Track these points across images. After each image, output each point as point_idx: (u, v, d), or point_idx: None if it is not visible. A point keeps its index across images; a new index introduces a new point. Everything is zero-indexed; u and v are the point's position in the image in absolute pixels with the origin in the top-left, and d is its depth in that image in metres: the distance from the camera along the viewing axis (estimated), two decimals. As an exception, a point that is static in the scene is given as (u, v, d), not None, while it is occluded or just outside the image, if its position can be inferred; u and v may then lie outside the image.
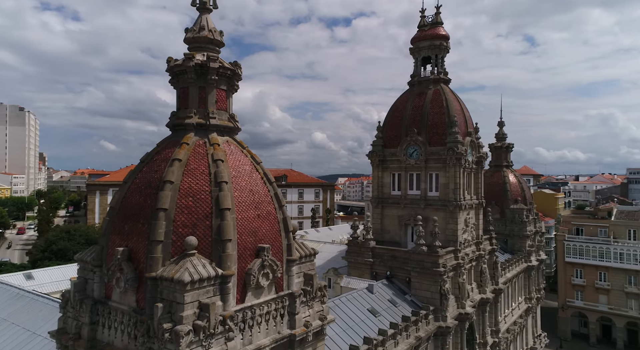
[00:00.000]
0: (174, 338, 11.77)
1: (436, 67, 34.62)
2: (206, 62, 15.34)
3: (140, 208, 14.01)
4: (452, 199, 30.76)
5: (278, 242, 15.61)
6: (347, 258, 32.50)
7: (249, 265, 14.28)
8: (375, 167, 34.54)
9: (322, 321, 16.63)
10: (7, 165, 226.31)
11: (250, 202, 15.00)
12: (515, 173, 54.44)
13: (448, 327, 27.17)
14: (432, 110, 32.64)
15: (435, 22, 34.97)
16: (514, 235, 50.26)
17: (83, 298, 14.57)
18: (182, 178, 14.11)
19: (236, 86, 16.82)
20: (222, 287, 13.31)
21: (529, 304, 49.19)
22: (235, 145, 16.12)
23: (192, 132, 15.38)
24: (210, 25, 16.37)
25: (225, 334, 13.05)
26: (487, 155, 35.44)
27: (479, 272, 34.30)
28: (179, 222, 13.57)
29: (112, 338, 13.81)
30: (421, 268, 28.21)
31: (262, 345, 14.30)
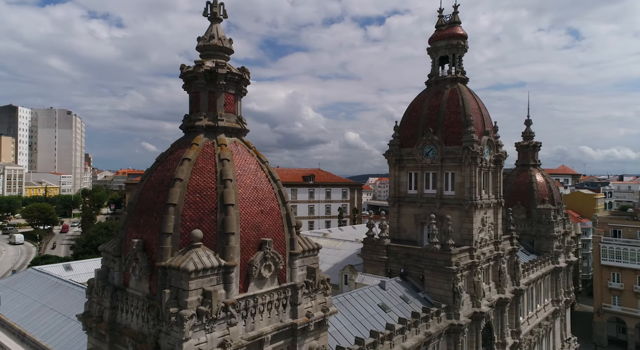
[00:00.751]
0: (179, 321, 12.91)
1: (454, 67, 34.58)
2: (215, 69, 16.49)
3: (154, 203, 15.31)
4: (468, 198, 30.73)
5: (281, 237, 16.54)
6: (363, 255, 33.08)
7: (251, 257, 15.29)
8: (392, 166, 34.91)
9: (325, 312, 17.41)
10: (56, 165, 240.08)
11: (254, 198, 16.00)
12: (543, 172, 53.06)
13: (460, 325, 27.26)
14: (449, 109, 32.68)
15: (453, 22, 34.93)
16: (541, 236, 49.05)
17: (105, 285, 16.05)
18: (190, 176, 15.30)
19: (244, 90, 17.89)
20: (225, 276, 14.37)
21: (556, 307, 47.88)
22: (242, 146, 17.19)
23: (202, 133, 16.58)
24: (219, 34, 17.51)
25: (228, 320, 14.10)
26: (506, 155, 35.00)
27: (498, 272, 33.98)
28: (187, 216, 14.76)
29: (129, 321, 15.16)
30: (434, 266, 28.42)
31: (264, 332, 15.26)
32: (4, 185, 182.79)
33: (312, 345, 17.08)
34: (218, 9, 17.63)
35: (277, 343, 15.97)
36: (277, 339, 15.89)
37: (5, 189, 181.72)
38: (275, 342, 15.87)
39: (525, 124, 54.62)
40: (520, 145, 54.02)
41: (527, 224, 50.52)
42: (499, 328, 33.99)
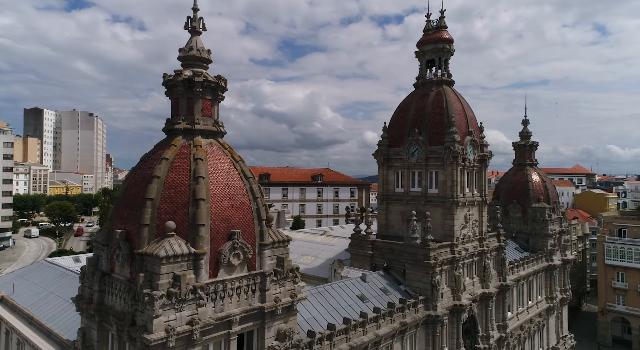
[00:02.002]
0: (150, 300, 14.62)
1: (439, 70, 35.62)
2: (192, 77, 18.19)
3: (135, 198, 17.08)
4: (450, 195, 31.79)
5: (251, 229, 18.13)
6: (350, 250, 34.45)
7: (221, 246, 16.91)
8: (381, 165, 36.14)
9: (293, 298, 18.93)
10: (78, 165, 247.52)
11: (225, 194, 17.63)
12: (539, 172, 53.37)
13: (437, 316, 28.38)
14: (433, 111, 33.76)
15: (440, 26, 35.95)
16: (536, 234, 49.46)
17: (94, 271, 17.91)
18: (167, 174, 17.01)
19: (221, 96, 19.55)
20: (195, 263, 16.03)
21: (550, 304, 48.27)
22: (218, 146, 18.84)
23: (181, 135, 18.30)
24: (198, 45, 19.21)
25: (197, 301, 15.75)
26: (491, 154, 35.84)
27: (483, 267, 34.89)
28: (163, 209, 16.47)
29: (114, 303, 16.95)
30: (414, 260, 29.61)
31: (233, 314, 16.87)
32: (30, 185, 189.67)
33: (281, 328, 18.61)
34: (197, 23, 19.33)
35: (246, 324, 17.57)
36: (246, 321, 17.48)
37: (31, 188, 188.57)
38: (245, 323, 17.46)
39: (522, 124, 55.01)
40: (517, 145, 54.44)
41: (522, 222, 51.00)
42: (483, 321, 34.89)
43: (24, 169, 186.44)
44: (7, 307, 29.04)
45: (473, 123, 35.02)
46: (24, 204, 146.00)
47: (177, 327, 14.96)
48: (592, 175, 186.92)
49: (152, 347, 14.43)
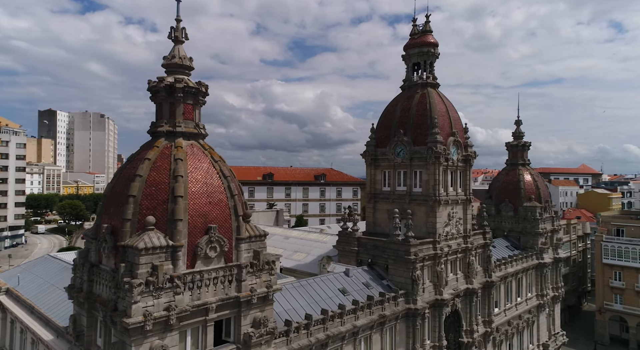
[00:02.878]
0: (130, 288, 15.94)
1: (424, 72, 36.57)
2: (174, 83, 19.51)
3: (120, 195, 18.44)
4: (432, 194, 32.75)
5: (228, 224, 19.38)
6: (337, 247, 35.58)
7: (198, 240, 18.19)
8: (369, 165, 37.20)
9: (268, 289, 20.14)
10: (90, 165, 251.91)
11: (204, 191, 18.91)
12: (531, 171, 53.92)
13: (417, 309, 29.38)
14: (417, 112, 34.74)
15: (425, 31, 36.90)
16: (527, 233, 50.04)
17: (84, 262, 19.31)
18: (149, 173, 18.35)
19: (202, 101, 20.84)
20: (173, 254, 17.32)
21: (540, 301, 48.83)
22: (198, 147, 20.14)
23: (163, 137, 19.63)
24: (181, 53, 20.53)
25: (174, 289, 17.03)
26: (476, 154, 36.67)
27: (467, 264, 35.76)
28: (144, 205, 17.80)
29: (101, 291, 18.32)
30: (396, 256, 30.64)
31: (209, 302, 18.12)
32: (44, 184, 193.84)
33: (257, 316, 19.83)
34: (180, 33, 20.66)
35: (223, 312, 18.83)
36: (222, 309, 18.73)
37: (45, 187, 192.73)
38: (221, 311, 18.72)
39: (515, 124, 55.55)
40: (510, 145, 55.04)
41: (514, 221, 51.61)
42: (467, 316, 35.76)
43: (38, 169, 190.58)
44: (12, 298, 30.73)
45: (457, 124, 35.89)
46: (38, 203, 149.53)
47: (155, 313, 16.27)
48: (599, 175, 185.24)
49: (131, 330, 15.75)
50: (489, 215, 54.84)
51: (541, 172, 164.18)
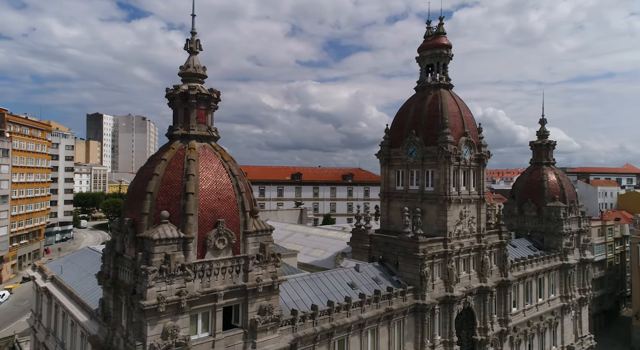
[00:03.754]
0: (145, 274, 17.88)
1: (438, 74, 36.98)
2: (187, 91, 21.40)
3: (140, 192, 20.49)
4: (442, 193, 33.20)
5: (235, 219, 21.04)
6: (351, 244, 36.65)
7: (208, 233, 19.94)
8: (383, 165, 38.04)
9: (273, 279, 21.65)
10: (133, 166, 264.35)
11: (213, 189, 20.66)
12: (556, 171, 52.67)
13: (425, 305, 30.02)
14: (429, 113, 35.24)
15: (439, 33, 37.30)
16: (550, 233, 49.02)
17: (110, 252, 21.54)
18: (164, 172, 20.29)
19: (214, 106, 22.64)
20: (185, 245, 19.15)
21: (564, 303, 47.74)
22: (210, 149, 21.93)
23: (178, 140, 21.57)
24: (195, 63, 22.41)
25: (185, 277, 18.85)
26: (490, 154, 36.67)
27: (481, 262, 35.88)
28: (159, 201, 19.75)
29: (124, 277, 20.43)
30: (405, 253, 31.38)
31: (218, 290, 19.85)
32: (91, 183, 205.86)
33: (263, 304, 21.38)
34: (194, 45, 22.56)
35: (231, 299, 20.51)
36: (230, 296, 20.42)
37: (92, 186, 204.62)
38: (229, 298, 20.41)
39: (539, 123, 54.52)
40: (534, 144, 54.02)
41: (537, 221, 50.68)
42: (481, 314, 35.87)
43: (86, 169, 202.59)
44: (56, 285, 33.96)
45: (470, 124, 36.08)
46: (85, 201, 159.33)
47: (167, 297, 18.14)
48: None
49: (146, 311, 17.69)
50: (511, 215, 54.24)
51: (580, 171, 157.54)
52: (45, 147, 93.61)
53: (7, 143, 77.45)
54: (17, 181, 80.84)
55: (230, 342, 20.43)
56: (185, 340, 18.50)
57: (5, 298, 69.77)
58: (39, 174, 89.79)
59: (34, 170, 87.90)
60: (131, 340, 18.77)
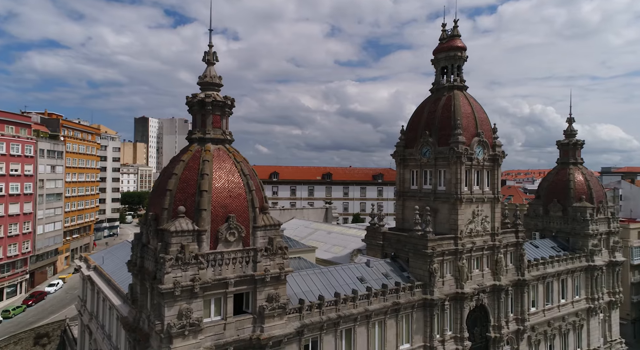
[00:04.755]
0: (163, 262, 20.13)
1: (452, 75, 37.43)
2: (204, 98, 23.58)
3: (161, 189, 22.86)
4: (454, 192, 33.73)
5: (245, 214, 22.97)
6: (365, 240, 37.81)
7: (219, 226, 21.98)
8: (398, 164, 38.92)
9: (281, 270, 23.40)
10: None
11: (225, 187, 22.69)
12: (583, 171, 51.18)
13: (433, 300, 30.75)
14: (442, 114, 35.81)
15: (453, 35, 37.71)
16: (575, 234, 47.82)
17: (138, 243, 24.09)
18: (182, 171, 22.54)
19: (228, 112, 24.71)
20: (199, 237, 21.27)
21: (590, 305, 46.45)
22: (224, 151, 24.00)
23: (196, 143, 23.79)
24: (212, 73, 24.58)
25: (198, 265, 20.96)
26: (504, 154, 36.68)
27: (495, 261, 36.02)
28: (177, 198, 22.00)
29: (148, 265, 22.86)
30: (415, 250, 32.22)
31: (228, 278, 21.84)
32: (138, 183, 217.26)
33: (270, 293, 23.18)
34: (211, 57, 24.73)
35: (241, 287, 22.46)
36: (240, 284, 22.37)
37: (139, 185, 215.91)
38: (239, 286, 22.36)
39: (567, 122, 53.15)
40: (560, 144, 52.77)
41: (562, 221, 49.55)
42: (495, 312, 36.01)
43: (133, 169, 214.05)
44: (97, 274, 37.48)
45: (484, 125, 36.28)
46: (132, 199, 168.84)
47: (182, 282, 20.30)
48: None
49: (164, 294, 19.92)
50: (536, 215, 53.20)
51: (627, 172, 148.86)
52: (94, 149, 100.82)
53: (62, 146, 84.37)
54: (69, 180, 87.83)
55: (240, 326, 22.36)
56: (198, 321, 20.61)
57: (59, 286, 76.16)
58: (89, 174, 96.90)
59: (85, 171, 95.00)
60: (152, 320, 21.10)
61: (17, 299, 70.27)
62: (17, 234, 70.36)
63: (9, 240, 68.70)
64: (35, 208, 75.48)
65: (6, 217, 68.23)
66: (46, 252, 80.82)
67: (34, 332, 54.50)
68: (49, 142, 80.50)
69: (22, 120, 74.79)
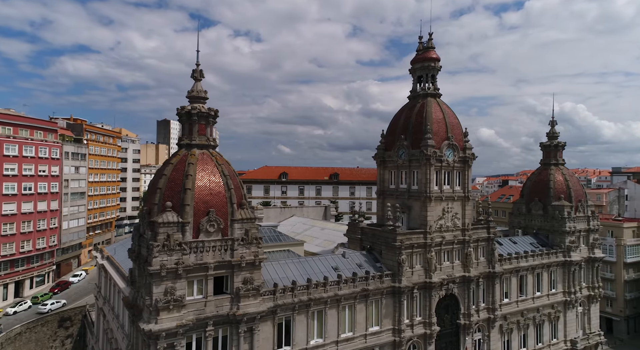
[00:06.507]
0: (151, 248, 23.74)
1: (427, 84, 40.10)
2: (190, 110, 27.15)
3: (154, 188, 26.51)
4: (424, 191, 36.45)
5: (224, 209, 26.40)
6: (347, 235, 40.82)
7: (201, 219, 25.47)
8: (379, 165, 41.78)
9: (255, 257, 26.73)
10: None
11: (206, 186, 26.17)
12: (564, 171, 52.83)
13: (401, 288, 33.56)
14: (416, 120, 38.53)
15: (428, 47, 40.37)
16: (554, 231, 49.67)
17: (136, 233, 27.83)
18: (171, 173, 26.13)
19: (212, 121, 28.21)
20: (182, 228, 24.81)
21: (567, 298, 48.20)
22: (208, 155, 27.50)
23: (184, 148, 27.37)
24: (198, 88, 28.14)
25: (182, 251, 24.49)
26: (474, 156, 39.12)
27: (465, 255, 38.52)
28: (166, 195, 25.59)
29: (143, 252, 26.53)
30: (386, 243, 35.09)
31: (208, 262, 25.30)
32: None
33: (246, 277, 26.55)
34: (198, 74, 28.31)
35: (220, 271, 25.89)
36: (219, 268, 25.81)
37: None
38: (218, 270, 25.81)
39: (549, 125, 54.85)
40: (543, 145, 54.54)
41: (543, 219, 51.42)
42: (465, 301, 38.51)
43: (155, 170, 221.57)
44: (109, 262, 41.66)
45: (455, 129, 38.82)
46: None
47: (168, 265, 23.86)
48: None
49: (152, 274, 23.51)
50: (520, 214, 55.08)
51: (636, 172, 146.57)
52: (115, 151, 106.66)
53: (85, 148, 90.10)
54: (92, 180, 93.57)
55: (220, 304, 25.81)
56: (181, 298, 24.15)
57: (82, 277, 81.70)
58: (110, 174, 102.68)
59: (106, 171, 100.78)
60: (143, 296, 24.76)
61: (45, 287, 75.96)
62: (45, 229, 75.99)
63: (38, 234, 74.37)
64: (61, 205, 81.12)
65: (35, 214, 73.88)
66: (71, 246, 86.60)
67: (59, 316, 59.59)
68: (73, 145, 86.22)
69: (49, 125, 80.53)
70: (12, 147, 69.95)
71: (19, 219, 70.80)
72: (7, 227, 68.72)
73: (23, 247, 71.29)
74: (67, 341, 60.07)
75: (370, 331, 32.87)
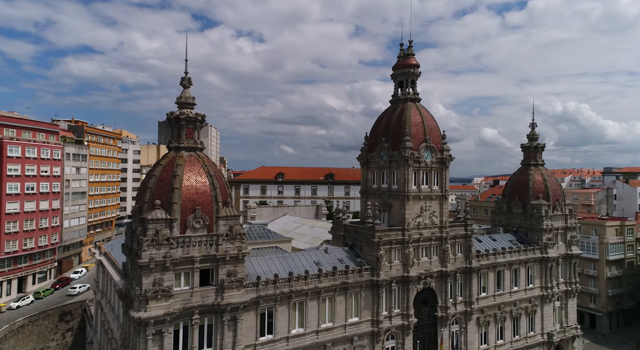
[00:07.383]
0: (141, 243, 25.54)
1: (407, 89, 41.88)
2: (178, 116, 28.95)
3: (145, 187, 28.32)
4: (402, 190, 38.23)
5: (210, 207, 28.20)
6: (331, 232, 42.61)
7: (187, 216, 27.28)
8: (362, 166, 43.57)
9: (238, 252, 28.51)
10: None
11: (193, 185, 27.97)
12: (543, 172, 54.57)
13: (379, 281, 35.33)
14: (396, 123, 40.32)
15: (408, 54, 42.17)
16: (532, 229, 51.43)
17: (129, 230, 29.66)
18: (160, 173, 27.94)
19: (199, 125, 30.01)
20: (170, 224, 26.60)
21: (544, 293, 49.95)
22: (195, 157, 29.31)
23: (173, 151, 29.19)
24: (186, 95, 29.95)
25: (170, 246, 26.29)
26: (451, 157, 40.88)
27: (443, 251, 40.29)
28: (155, 194, 27.40)
29: (135, 247, 28.34)
30: (366, 239, 36.88)
31: (195, 256, 27.09)
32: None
33: (230, 270, 28.34)
34: (187, 82, 30.12)
35: (205, 264, 27.68)
36: (205, 262, 27.60)
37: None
38: (204, 263, 27.59)
39: (530, 127, 56.59)
40: (523, 147, 56.30)
41: (522, 217, 53.16)
42: (442, 294, 40.28)
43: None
44: (106, 258, 43.50)
45: (433, 132, 40.59)
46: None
47: (156, 258, 25.66)
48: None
49: (141, 266, 25.31)
50: (501, 212, 56.83)
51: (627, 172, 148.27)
52: (115, 152, 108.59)
53: (86, 150, 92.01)
54: (93, 180, 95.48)
55: (205, 294, 27.61)
56: (168, 288, 25.96)
57: (82, 274, 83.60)
58: (110, 174, 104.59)
59: (107, 172, 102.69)
60: (134, 286, 26.58)
61: (47, 283, 77.88)
62: (47, 227, 77.90)
63: (40, 232, 76.28)
64: (62, 205, 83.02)
65: (37, 212, 75.79)
66: (72, 244, 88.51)
67: (60, 310, 61.49)
68: (74, 146, 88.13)
69: (51, 128, 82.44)
70: (16, 149, 71.89)
71: (22, 218, 72.76)
72: (11, 225, 70.70)
73: (26, 244, 73.25)
74: (67, 334, 61.98)
75: (350, 322, 34.64)
